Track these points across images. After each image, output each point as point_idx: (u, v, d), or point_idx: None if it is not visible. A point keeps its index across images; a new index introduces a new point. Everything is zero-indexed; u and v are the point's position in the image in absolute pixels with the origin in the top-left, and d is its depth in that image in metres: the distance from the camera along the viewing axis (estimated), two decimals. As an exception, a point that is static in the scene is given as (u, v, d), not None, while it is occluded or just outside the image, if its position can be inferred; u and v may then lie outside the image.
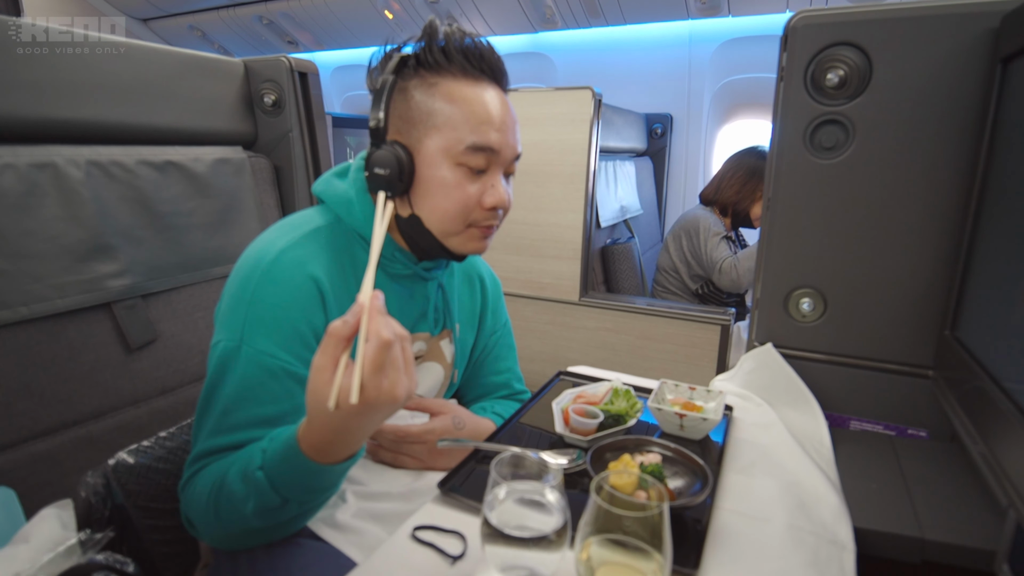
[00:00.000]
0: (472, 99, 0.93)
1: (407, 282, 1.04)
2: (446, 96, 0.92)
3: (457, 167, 0.93)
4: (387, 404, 0.66)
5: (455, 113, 0.92)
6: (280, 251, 0.91)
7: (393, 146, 0.92)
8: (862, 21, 1.08)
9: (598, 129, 2.30)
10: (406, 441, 1.00)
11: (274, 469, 0.75)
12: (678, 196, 4.04)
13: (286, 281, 0.89)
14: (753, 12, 3.51)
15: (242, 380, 0.85)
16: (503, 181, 0.98)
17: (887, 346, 1.18)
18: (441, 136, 0.92)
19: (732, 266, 2.65)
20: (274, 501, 0.76)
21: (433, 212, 0.95)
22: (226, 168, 1.47)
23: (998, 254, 0.92)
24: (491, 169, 0.96)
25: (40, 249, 1.09)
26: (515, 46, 4.29)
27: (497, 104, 0.95)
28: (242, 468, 0.79)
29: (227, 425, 0.85)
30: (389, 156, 0.91)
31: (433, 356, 1.11)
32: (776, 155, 1.19)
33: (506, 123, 0.95)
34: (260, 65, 1.58)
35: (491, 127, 0.93)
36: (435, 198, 0.94)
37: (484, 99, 0.94)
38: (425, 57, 0.93)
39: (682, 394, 1.09)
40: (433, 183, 0.94)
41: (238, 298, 0.89)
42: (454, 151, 0.92)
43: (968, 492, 0.97)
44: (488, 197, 0.95)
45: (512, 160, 0.98)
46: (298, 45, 5.01)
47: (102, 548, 0.91)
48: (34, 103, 1.11)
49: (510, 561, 0.62)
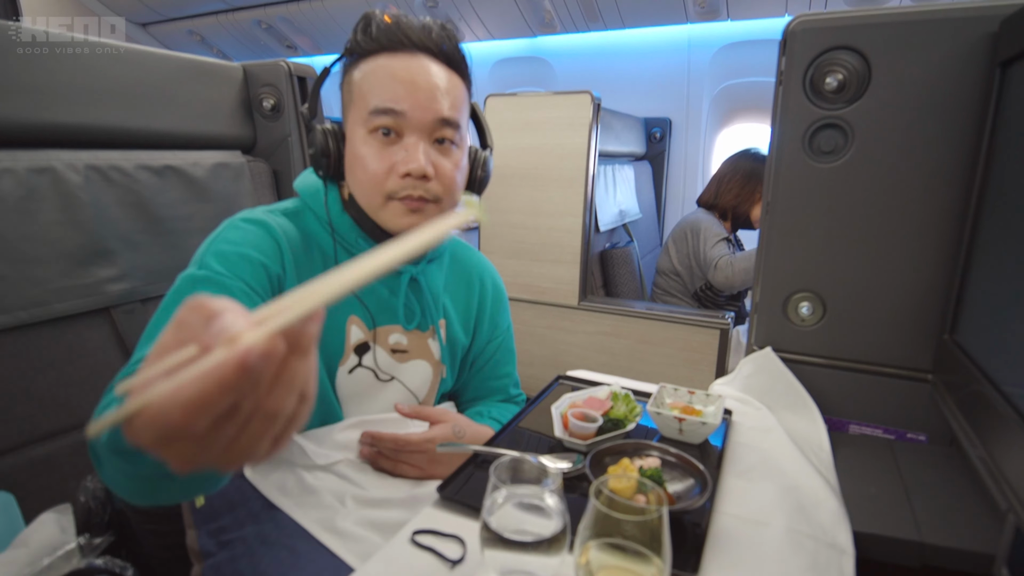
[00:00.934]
0: (382, 68, 0.94)
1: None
2: (361, 71, 0.95)
3: (369, 136, 0.94)
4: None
5: (364, 83, 0.94)
6: (246, 213, 0.97)
7: (322, 128, 0.98)
8: (861, 25, 1.08)
9: (597, 133, 2.30)
10: (406, 450, 1.00)
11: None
12: (677, 200, 4.04)
13: (247, 229, 0.93)
14: (752, 16, 3.51)
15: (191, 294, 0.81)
16: (425, 148, 0.94)
17: (886, 350, 1.18)
18: (355, 108, 0.96)
19: (728, 263, 2.65)
20: (121, 440, 0.57)
21: (356, 186, 0.98)
22: (225, 172, 1.47)
23: (997, 258, 0.92)
24: (406, 134, 0.94)
25: (39, 253, 1.09)
26: (514, 50, 4.30)
27: (409, 68, 0.93)
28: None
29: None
30: (316, 137, 0.98)
31: (420, 353, 1.10)
32: (775, 159, 1.20)
33: (416, 84, 0.92)
34: (259, 69, 1.58)
35: (396, 89, 0.92)
36: (355, 171, 0.97)
37: (394, 65, 0.93)
38: (355, 45, 0.97)
39: (681, 398, 1.09)
40: (351, 157, 0.97)
41: (205, 242, 0.93)
42: (364, 120, 0.94)
43: (967, 496, 0.97)
44: (401, 164, 0.93)
45: (435, 124, 0.94)
46: (297, 50, 5.01)
47: (101, 552, 0.91)
48: (33, 107, 1.11)
49: (509, 565, 0.62)
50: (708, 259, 2.71)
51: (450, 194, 0.99)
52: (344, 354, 1.02)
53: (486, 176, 1.09)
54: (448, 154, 0.97)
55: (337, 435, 1.00)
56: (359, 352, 1.03)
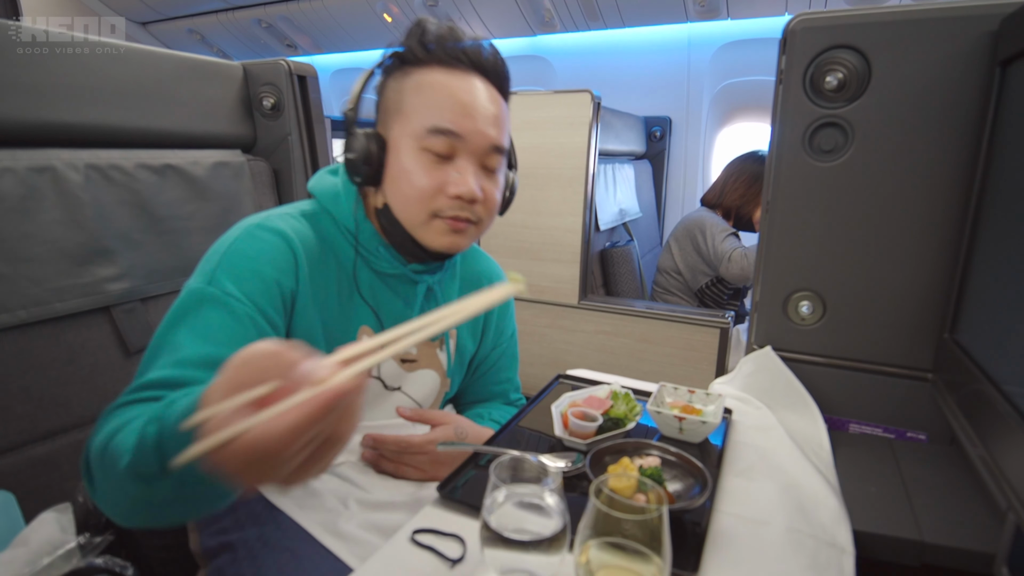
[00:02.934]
0: (441, 85, 0.93)
1: (393, 281, 1.03)
2: (416, 84, 0.93)
3: (421, 153, 0.92)
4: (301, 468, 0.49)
5: (420, 99, 0.93)
6: (263, 219, 0.93)
7: (365, 133, 0.94)
8: (861, 24, 1.08)
9: (597, 132, 2.30)
10: (408, 451, 1.00)
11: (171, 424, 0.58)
12: (677, 199, 4.04)
13: (263, 240, 0.89)
14: (752, 15, 3.51)
15: (203, 318, 0.81)
16: (475, 171, 0.95)
17: (886, 349, 1.18)
18: (407, 122, 0.93)
19: (743, 255, 2.65)
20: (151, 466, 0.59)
21: (397, 199, 0.95)
22: (225, 171, 1.47)
23: (997, 257, 0.92)
24: (459, 157, 0.94)
25: (39, 253, 1.08)
26: (514, 49, 4.29)
27: (468, 90, 0.93)
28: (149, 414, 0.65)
29: (176, 360, 0.76)
30: (359, 141, 0.94)
31: (428, 363, 1.11)
32: (775, 158, 1.20)
33: (476, 109, 0.93)
34: (259, 68, 1.58)
35: (456, 111, 0.92)
36: (399, 184, 0.94)
37: (453, 85, 0.93)
38: (408, 52, 0.95)
39: (681, 397, 1.09)
40: (398, 169, 0.94)
41: (213, 251, 0.89)
42: (417, 135, 0.92)
43: (967, 495, 0.97)
44: (452, 186, 0.93)
45: (488, 151, 0.95)
46: (297, 48, 5.01)
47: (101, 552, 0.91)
48: (33, 106, 1.11)
49: (509, 564, 0.62)
50: (720, 253, 2.71)
51: (490, 216, 1.00)
52: None
53: (511, 197, 1.09)
54: (493, 179, 0.98)
55: None
56: None
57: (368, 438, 1.00)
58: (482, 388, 1.26)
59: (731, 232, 2.76)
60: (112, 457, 0.65)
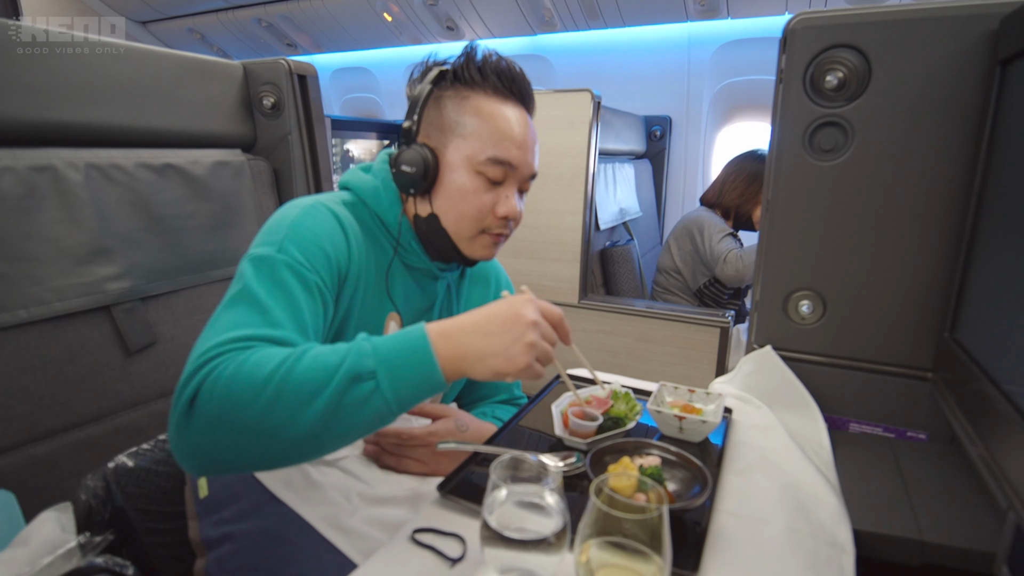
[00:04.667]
0: (498, 115, 1.01)
1: (418, 274, 1.09)
2: (475, 109, 1.01)
3: (476, 175, 1.01)
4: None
5: (481, 126, 1.00)
6: (317, 200, 0.99)
7: (422, 148, 1.01)
8: (861, 23, 1.08)
9: (597, 131, 2.30)
10: (409, 443, 1.00)
11: (384, 343, 0.74)
12: (677, 198, 4.04)
13: (325, 218, 0.95)
14: (752, 14, 3.51)
15: (280, 283, 0.84)
16: (516, 195, 1.05)
17: (886, 348, 1.18)
18: (467, 145, 1.00)
19: (738, 257, 2.65)
20: (366, 365, 0.71)
21: (450, 213, 1.02)
22: (225, 171, 1.47)
23: (998, 256, 0.92)
24: (507, 182, 1.03)
25: (39, 252, 1.09)
26: (514, 48, 4.29)
27: (521, 124, 1.03)
28: (333, 349, 0.74)
29: (271, 321, 0.80)
30: (417, 156, 1.00)
31: None
32: (775, 157, 1.20)
33: (527, 143, 1.03)
34: (259, 68, 1.58)
35: (512, 143, 1.01)
36: (453, 200, 1.02)
37: (509, 117, 1.01)
38: (462, 73, 1.02)
39: (681, 396, 1.09)
40: (453, 186, 1.01)
41: (277, 224, 0.93)
42: (476, 160, 1.00)
43: (967, 494, 0.97)
44: (501, 207, 1.02)
45: (528, 178, 1.06)
46: (297, 48, 5.01)
47: (102, 551, 0.91)
48: (33, 106, 1.11)
49: (509, 563, 0.62)
50: (716, 254, 2.71)
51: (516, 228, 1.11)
52: None
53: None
54: (523, 199, 1.09)
55: None
56: None
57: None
58: (485, 385, 1.27)
59: (728, 233, 2.75)
60: (297, 383, 0.69)
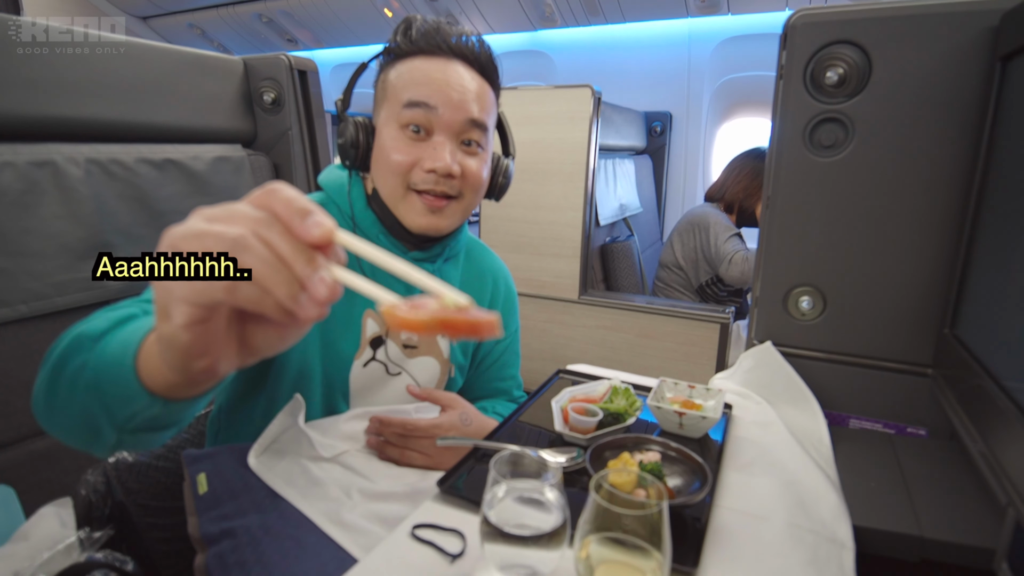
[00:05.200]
0: (420, 68, 0.98)
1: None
2: (398, 71, 0.99)
3: (401, 131, 0.97)
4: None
5: (399, 81, 0.98)
6: None
7: (354, 120, 1.01)
8: (861, 19, 1.08)
9: (597, 127, 2.30)
10: (413, 436, 1.00)
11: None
12: (677, 194, 4.04)
13: None
14: (752, 10, 3.51)
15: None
16: (453, 147, 0.98)
17: (886, 344, 1.18)
18: (389, 105, 0.99)
19: (744, 259, 2.65)
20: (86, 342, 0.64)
21: (379, 177, 1.01)
22: (225, 166, 1.47)
23: (998, 252, 0.92)
24: (436, 133, 0.97)
25: (40, 247, 1.09)
26: (514, 44, 4.29)
27: (445, 69, 0.98)
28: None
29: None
30: (346, 127, 1.01)
31: (428, 350, 1.12)
32: (775, 153, 1.19)
33: (450, 84, 0.97)
34: (259, 63, 1.58)
35: (431, 86, 0.96)
36: (379, 162, 1.00)
37: (431, 67, 0.98)
38: (395, 47, 1.01)
39: (681, 392, 1.09)
40: (379, 149, 1.00)
41: None
42: (396, 114, 0.97)
43: (967, 490, 0.97)
44: (428, 160, 0.96)
45: (465, 125, 0.98)
46: (297, 43, 5.01)
47: (101, 546, 0.91)
48: (34, 101, 1.11)
49: (509, 559, 0.62)
50: (721, 254, 2.71)
51: (474, 193, 1.03)
52: (360, 347, 1.04)
53: (506, 183, 1.13)
54: (474, 155, 1.01)
55: (342, 425, 1.01)
56: (374, 346, 1.06)
57: (374, 420, 1.01)
58: (486, 384, 1.27)
59: (735, 233, 2.76)
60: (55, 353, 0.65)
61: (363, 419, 1.03)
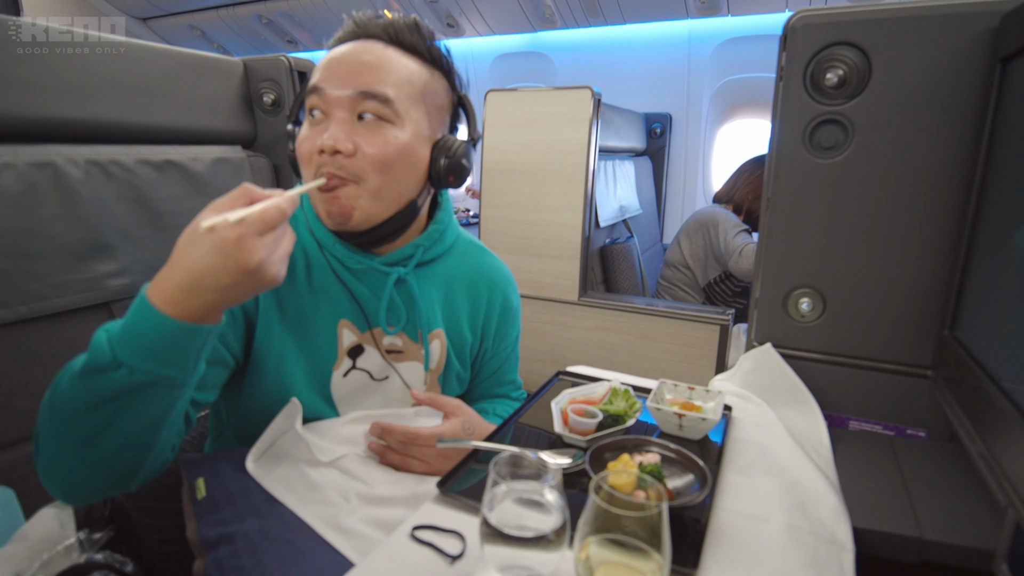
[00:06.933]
0: (326, 56, 0.96)
1: (366, 276, 1.03)
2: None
3: (307, 121, 0.96)
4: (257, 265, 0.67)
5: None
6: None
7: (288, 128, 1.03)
8: (861, 21, 1.08)
9: (597, 128, 2.30)
10: (415, 443, 0.99)
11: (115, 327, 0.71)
12: (677, 196, 4.04)
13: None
14: (752, 12, 3.51)
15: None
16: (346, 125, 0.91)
17: (886, 346, 1.18)
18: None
19: (754, 251, 2.66)
20: (103, 358, 0.69)
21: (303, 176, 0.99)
22: (225, 167, 1.47)
23: (997, 253, 0.92)
24: (332, 113, 0.92)
25: (39, 248, 1.08)
26: (514, 45, 4.29)
27: (345, 49, 0.94)
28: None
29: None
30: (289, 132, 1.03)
31: (415, 356, 1.09)
32: (775, 155, 1.20)
33: (342, 61, 0.93)
34: (259, 64, 1.58)
35: (327, 69, 0.93)
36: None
37: (334, 51, 0.96)
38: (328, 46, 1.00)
39: (681, 394, 1.09)
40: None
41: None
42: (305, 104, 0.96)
43: (967, 492, 0.97)
44: (318, 139, 0.91)
45: (355, 99, 0.91)
46: (297, 44, 5.01)
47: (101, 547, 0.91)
48: (33, 102, 1.11)
49: (509, 561, 0.62)
50: (731, 247, 2.72)
51: (378, 173, 0.92)
52: (337, 358, 1.02)
53: (453, 165, 1.00)
54: (375, 130, 0.92)
55: (340, 429, 1.00)
56: (353, 355, 1.03)
57: (376, 427, 1.00)
58: (486, 389, 1.26)
59: (744, 228, 2.77)
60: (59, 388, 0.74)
61: (361, 423, 1.02)
